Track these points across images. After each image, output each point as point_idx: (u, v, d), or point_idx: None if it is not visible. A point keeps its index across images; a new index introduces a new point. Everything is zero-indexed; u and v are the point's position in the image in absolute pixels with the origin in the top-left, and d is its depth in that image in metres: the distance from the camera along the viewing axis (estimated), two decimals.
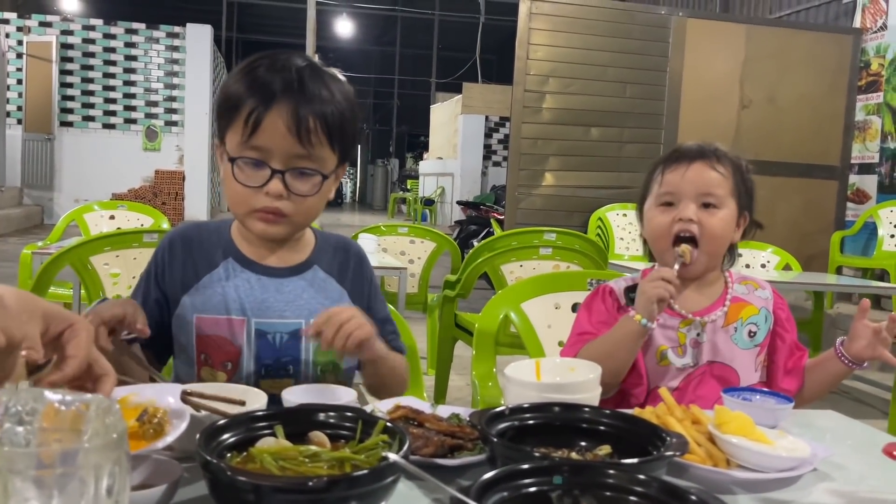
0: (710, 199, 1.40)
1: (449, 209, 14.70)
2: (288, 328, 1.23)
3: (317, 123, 1.14)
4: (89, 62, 11.88)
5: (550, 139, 5.56)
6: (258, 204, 1.16)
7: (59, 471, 0.51)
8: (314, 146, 1.14)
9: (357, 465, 0.78)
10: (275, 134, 1.13)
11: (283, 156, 1.14)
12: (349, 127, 1.19)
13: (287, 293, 1.24)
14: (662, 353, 1.42)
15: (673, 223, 1.40)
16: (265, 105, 1.13)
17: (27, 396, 0.54)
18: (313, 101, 1.14)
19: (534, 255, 3.20)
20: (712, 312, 1.43)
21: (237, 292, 1.22)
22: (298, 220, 1.20)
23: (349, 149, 1.22)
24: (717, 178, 1.40)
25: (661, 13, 5.83)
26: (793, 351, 1.47)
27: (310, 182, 1.17)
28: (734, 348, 1.42)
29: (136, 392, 0.91)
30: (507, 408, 0.97)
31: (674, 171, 1.42)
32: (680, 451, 0.86)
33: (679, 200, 1.41)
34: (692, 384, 1.41)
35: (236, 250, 1.26)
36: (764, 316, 1.45)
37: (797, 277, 3.70)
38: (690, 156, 1.43)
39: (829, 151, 5.97)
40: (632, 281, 1.50)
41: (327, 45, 19.16)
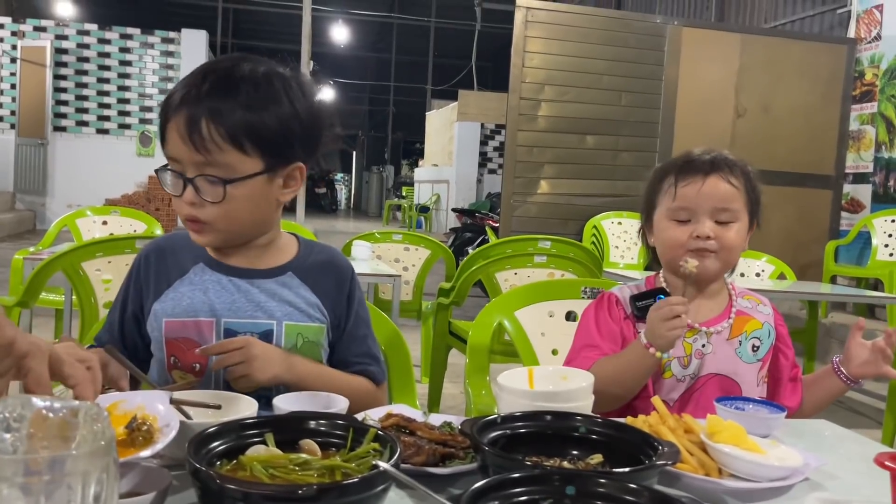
0: (726, 214, 1.39)
1: (444, 216, 14.71)
2: (258, 329, 1.22)
3: (212, 129, 1.11)
4: (83, 67, 11.87)
5: (546, 147, 5.57)
6: (182, 212, 1.17)
7: (47, 478, 0.50)
8: (212, 152, 1.11)
9: (348, 474, 0.77)
10: (176, 143, 1.13)
11: (189, 164, 1.13)
12: (275, 128, 1.14)
13: (257, 294, 1.24)
14: (667, 364, 1.40)
15: (689, 239, 1.38)
16: (168, 115, 1.14)
17: (15, 403, 0.53)
18: (209, 109, 1.11)
19: (528, 262, 3.20)
20: (718, 324, 1.42)
21: (207, 294, 1.22)
22: (223, 227, 1.17)
23: (286, 148, 1.17)
24: (733, 193, 1.39)
25: (656, 22, 5.85)
26: (792, 367, 1.47)
27: (216, 189, 1.13)
28: (738, 361, 1.41)
29: (125, 399, 0.90)
30: (499, 416, 0.96)
31: (689, 185, 1.40)
32: (671, 461, 0.86)
33: (695, 216, 1.39)
34: (695, 395, 1.40)
35: (206, 254, 1.26)
36: (767, 331, 1.45)
37: (792, 286, 3.71)
38: (705, 169, 1.40)
39: (823, 161, 5.99)
40: (636, 289, 1.48)
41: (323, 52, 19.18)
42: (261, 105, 1.14)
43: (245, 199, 1.15)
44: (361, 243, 3.58)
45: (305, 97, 1.19)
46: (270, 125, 1.14)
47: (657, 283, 1.47)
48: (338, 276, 1.32)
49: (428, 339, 3.68)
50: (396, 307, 3.08)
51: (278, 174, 1.19)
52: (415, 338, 4.10)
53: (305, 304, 1.26)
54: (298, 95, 1.18)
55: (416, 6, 18.67)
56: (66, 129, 11.87)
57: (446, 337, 3.32)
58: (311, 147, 1.23)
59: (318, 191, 22.24)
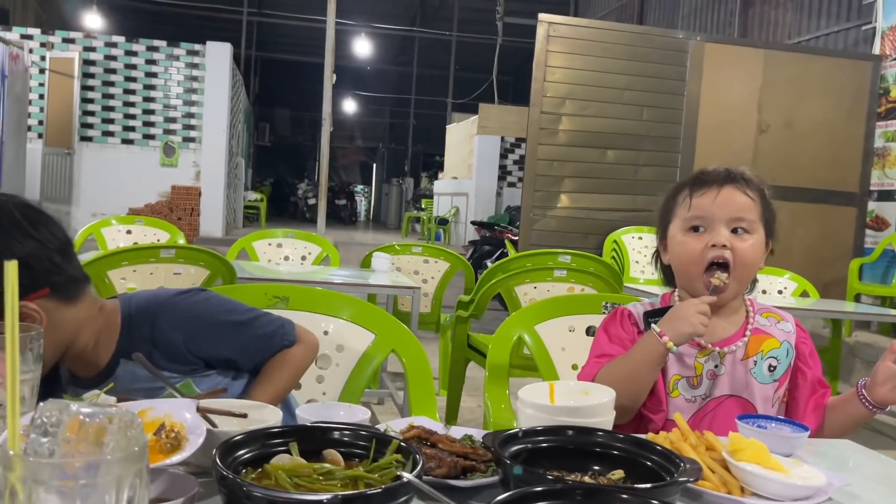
0: (742, 223, 1.36)
1: (463, 229, 14.72)
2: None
3: None
4: (110, 78, 12.06)
5: (566, 161, 5.58)
6: None
7: (82, 482, 0.52)
8: None
9: (371, 484, 0.78)
10: None
11: None
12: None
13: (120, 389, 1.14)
14: (674, 383, 1.38)
15: (706, 249, 1.35)
16: None
17: (53, 408, 0.55)
18: None
19: (548, 276, 3.20)
20: (732, 343, 1.38)
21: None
22: None
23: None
24: (748, 203, 1.37)
25: (678, 37, 5.85)
26: (815, 388, 1.42)
27: None
28: (753, 382, 1.38)
29: (153, 407, 0.92)
30: (521, 430, 0.97)
31: (703, 194, 1.38)
32: (693, 478, 0.86)
33: (710, 225, 1.37)
34: (707, 416, 1.37)
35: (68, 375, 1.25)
36: (786, 350, 1.41)
37: (815, 304, 3.67)
38: (720, 180, 1.39)
39: (847, 178, 5.94)
40: (650, 306, 1.46)
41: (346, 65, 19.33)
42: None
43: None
44: (381, 255, 3.60)
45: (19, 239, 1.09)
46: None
47: (672, 301, 1.45)
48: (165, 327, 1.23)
49: (446, 352, 3.69)
50: (415, 319, 3.09)
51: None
52: (433, 350, 4.10)
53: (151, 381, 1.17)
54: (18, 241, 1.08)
55: (438, 20, 18.80)
56: (93, 139, 12.05)
57: (465, 350, 3.33)
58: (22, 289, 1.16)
59: (338, 202, 22.38)
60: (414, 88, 21.81)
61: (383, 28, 18.95)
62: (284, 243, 4.06)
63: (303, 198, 22.46)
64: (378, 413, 3.72)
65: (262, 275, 3.06)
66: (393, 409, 3.74)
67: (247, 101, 16.95)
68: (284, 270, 3.53)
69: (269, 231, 4.14)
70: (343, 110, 24.88)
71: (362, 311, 1.65)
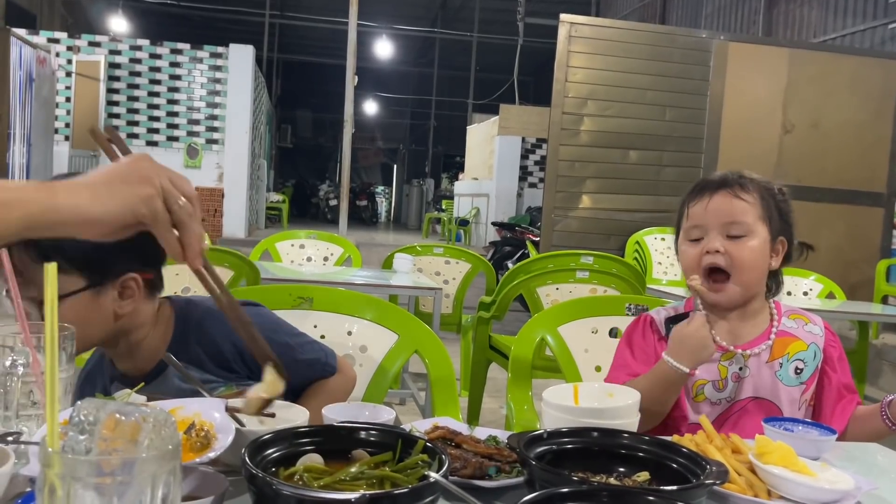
0: (736, 228, 1.37)
1: (483, 230, 14.71)
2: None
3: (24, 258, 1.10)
4: (135, 81, 12.21)
5: (588, 161, 5.56)
6: None
7: (119, 479, 0.53)
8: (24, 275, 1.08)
9: (397, 484, 0.79)
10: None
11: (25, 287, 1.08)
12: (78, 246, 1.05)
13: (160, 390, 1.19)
14: (699, 388, 1.38)
15: (701, 256, 1.38)
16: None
17: (90, 406, 0.56)
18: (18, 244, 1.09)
19: (570, 278, 3.19)
20: (757, 346, 1.38)
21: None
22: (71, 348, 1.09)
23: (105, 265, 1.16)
24: (742, 206, 1.38)
25: (702, 36, 5.81)
26: (841, 394, 1.41)
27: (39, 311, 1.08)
28: (778, 384, 1.37)
29: (182, 406, 0.94)
30: (546, 431, 0.97)
31: (697, 203, 1.41)
32: (720, 480, 0.85)
33: (705, 233, 1.39)
34: (731, 419, 1.37)
35: (115, 370, 1.28)
36: (813, 352, 1.40)
37: (841, 306, 3.63)
38: (713, 186, 1.41)
39: (874, 178, 5.86)
40: (673, 311, 1.47)
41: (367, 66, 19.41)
42: None
43: (74, 316, 1.09)
44: (403, 256, 3.61)
45: None
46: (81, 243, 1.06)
47: (696, 306, 1.44)
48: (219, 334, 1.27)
49: (468, 353, 3.69)
50: (437, 320, 3.10)
51: (107, 288, 1.17)
52: (454, 351, 4.10)
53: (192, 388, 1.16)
54: None
55: (459, 21, 18.81)
56: None
57: (486, 351, 3.33)
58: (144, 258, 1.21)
59: (359, 203, 22.47)
60: (435, 89, 21.85)
61: (404, 29, 19.01)
62: (307, 244, 4.09)
63: (324, 199, 22.57)
64: (400, 413, 3.73)
65: (285, 276, 3.08)
66: (415, 409, 3.75)
67: (269, 102, 17.08)
68: (307, 271, 3.55)
69: (291, 232, 4.17)
70: (364, 111, 24.98)
71: (385, 311, 1.66)
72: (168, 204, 0.80)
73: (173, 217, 0.80)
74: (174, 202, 0.80)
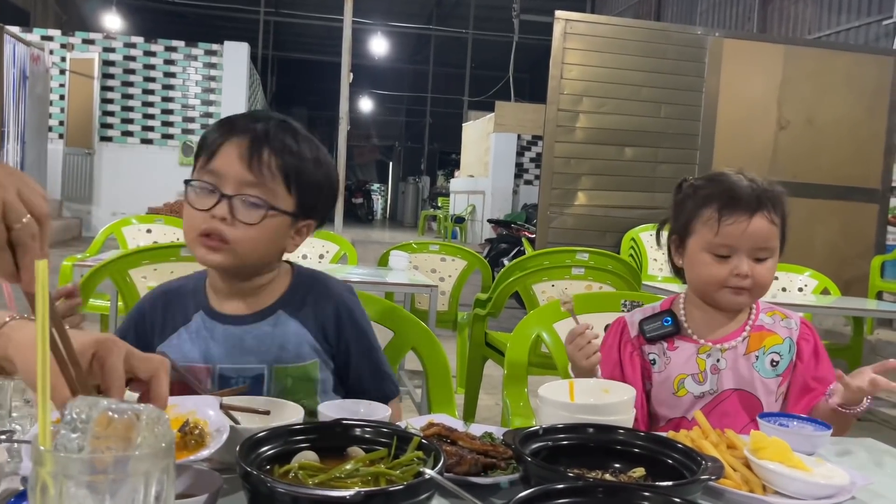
0: (765, 252, 1.40)
1: (479, 227, 14.71)
2: (249, 374, 1.26)
3: (271, 158, 1.19)
4: (129, 79, 12.16)
5: (583, 158, 5.56)
6: (201, 227, 1.19)
7: (112, 477, 0.52)
8: (265, 176, 1.18)
9: (392, 481, 0.79)
10: (228, 159, 1.18)
11: (233, 182, 1.18)
12: (312, 182, 1.24)
13: (250, 341, 1.26)
14: (680, 382, 1.42)
15: (729, 276, 1.39)
16: (226, 136, 1.20)
17: (82, 404, 0.56)
18: (272, 141, 1.20)
19: (566, 274, 3.19)
20: (733, 340, 1.43)
21: (206, 343, 1.26)
22: (241, 251, 1.19)
23: (312, 203, 1.25)
24: (773, 231, 1.40)
25: (697, 33, 5.81)
26: (809, 387, 1.43)
27: (255, 212, 1.18)
28: (756, 375, 1.42)
29: (177, 404, 0.93)
30: (541, 428, 0.97)
31: (734, 224, 1.38)
32: (715, 476, 0.85)
33: (735, 253, 1.39)
34: (715, 411, 1.40)
35: (207, 304, 1.30)
36: (788, 346, 1.44)
37: (835, 302, 3.63)
38: (751, 207, 1.38)
39: (868, 174, 5.88)
40: (651, 310, 1.51)
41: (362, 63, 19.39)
42: (310, 158, 1.25)
43: (271, 231, 1.21)
44: (399, 253, 3.60)
45: (333, 170, 1.32)
46: (313, 178, 1.25)
47: (675, 306, 1.50)
48: (331, 304, 1.33)
49: (464, 350, 3.69)
50: (433, 317, 3.10)
51: (298, 223, 1.27)
52: (450, 348, 4.10)
53: (295, 344, 1.28)
54: (333, 170, 1.32)
55: (454, 18, 18.79)
56: (112, 139, 12.16)
57: (482, 348, 3.33)
58: (325, 211, 1.32)
59: (354, 200, 22.44)
60: (430, 86, 21.82)
61: (399, 26, 18.97)
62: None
63: None
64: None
65: None
66: (411, 406, 3.75)
67: (264, 100, 17.03)
68: None
69: None
70: (359, 109, 24.94)
71: (381, 309, 1.66)
72: (7, 221, 0.71)
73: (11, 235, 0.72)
74: (15, 220, 0.71)
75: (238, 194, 1.17)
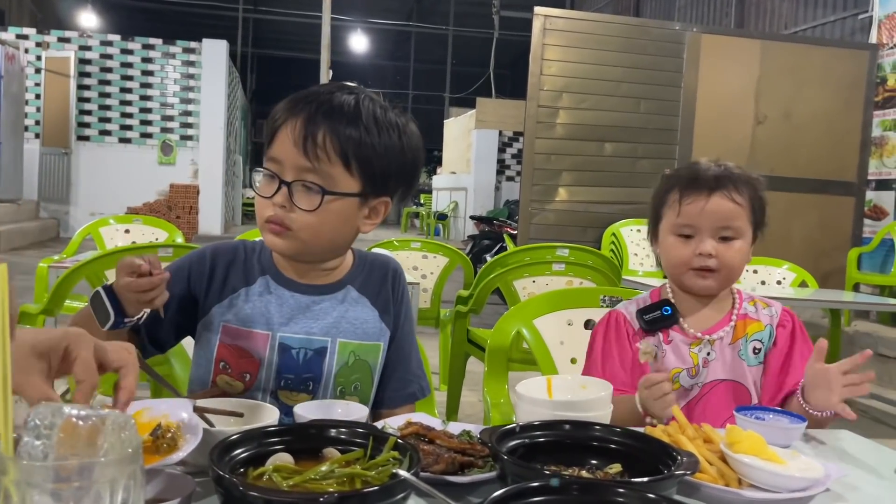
0: (729, 231, 1.41)
1: (462, 224, 14.72)
2: (313, 345, 1.24)
3: (326, 139, 1.14)
4: (106, 77, 12.03)
5: (564, 154, 5.57)
6: (266, 213, 1.17)
7: (76, 484, 0.52)
8: (320, 161, 1.14)
9: (368, 482, 0.78)
10: (285, 145, 1.16)
11: (291, 168, 1.15)
12: (378, 157, 1.17)
13: (316, 311, 1.25)
14: (675, 377, 1.42)
15: (692, 256, 1.41)
16: (284, 117, 1.17)
17: (46, 411, 0.55)
18: (331, 119, 1.14)
19: (546, 270, 3.20)
20: (720, 329, 1.44)
21: (268, 307, 1.23)
22: (304, 238, 1.17)
23: (383, 179, 1.20)
24: (736, 210, 1.40)
25: (675, 28, 5.84)
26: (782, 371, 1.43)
27: (313, 198, 1.15)
28: (742, 364, 1.43)
29: (150, 407, 0.92)
30: (518, 425, 0.97)
31: (692, 202, 1.41)
32: (690, 470, 0.86)
33: (697, 233, 1.41)
34: (702, 402, 1.42)
35: (274, 269, 1.27)
36: (769, 332, 1.46)
37: (813, 294, 3.67)
38: (709, 185, 1.41)
39: (845, 167, 5.94)
40: (642, 302, 1.50)
41: (342, 60, 19.31)
42: (375, 132, 1.17)
43: (335, 215, 1.17)
44: (380, 251, 3.59)
45: (412, 140, 1.24)
46: (379, 151, 1.17)
47: (663, 294, 1.50)
48: (393, 283, 1.35)
49: (446, 347, 3.69)
50: (415, 315, 3.08)
51: (369, 202, 1.21)
52: (433, 345, 4.10)
53: (363, 321, 1.28)
54: (406, 137, 1.23)
55: (434, 14, 18.77)
56: (90, 138, 12.03)
57: (464, 345, 3.33)
58: (404, 186, 1.26)
59: None
60: (411, 83, 21.79)
61: (379, 23, 18.92)
62: None
63: None
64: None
65: None
66: None
67: (244, 98, 16.92)
68: None
69: None
70: None
71: None
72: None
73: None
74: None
75: (296, 180, 1.15)
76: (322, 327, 1.24)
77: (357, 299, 1.29)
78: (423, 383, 1.39)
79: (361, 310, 1.29)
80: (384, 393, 1.34)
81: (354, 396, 1.27)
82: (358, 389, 1.29)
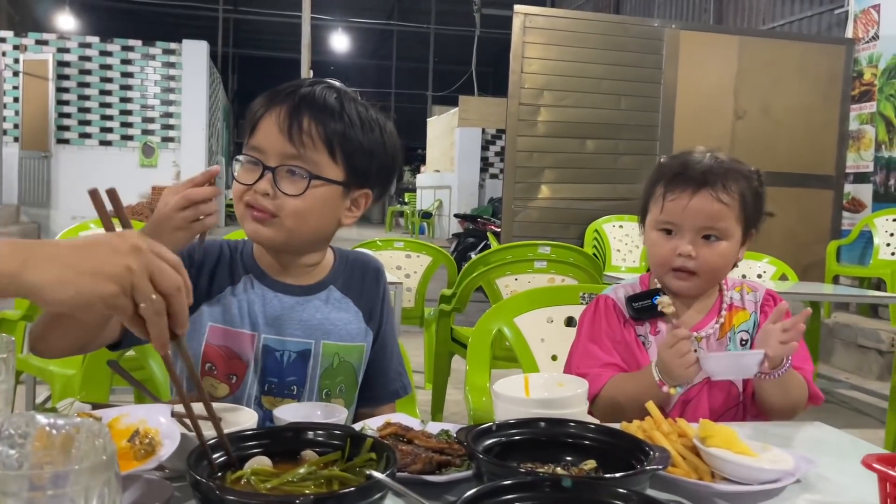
0: (713, 231, 1.36)
1: (447, 222, 14.73)
2: (297, 347, 1.24)
3: (312, 126, 1.15)
4: (86, 79, 11.93)
5: (546, 152, 5.59)
6: (245, 200, 1.17)
7: (51, 492, 0.52)
8: (305, 147, 1.14)
9: (345, 483, 0.79)
10: (268, 132, 1.16)
11: (275, 154, 1.15)
12: (361, 147, 1.19)
13: (301, 312, 1.25)
14: None
15: (672, 255, 1.36)
16: (266, 106, 1.18)
17: (20, 420, 0.55)
18: (315, 108, 1.16)
19: (529, 268, 3.21)
20: (707, 326, 1.41)
21: (252, 307, 1.23)
22: (290, 225, 1.16)
23: (364, 171, 1.21)
24: (722, 211, 1.35)
25: (654, 25, 5.87)
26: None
27: (298, 182, 1.15)
28: None
29: (127, 413, 0.93)
30: (494, 424, 0.98)
31: (676, 199, 1.35)
32: (662, 465, 0.87)
33: (679, 231, 1.37)
34: (694, 400, 1.39)
35: (257, 267, 1.27)
36: (753, 321, 1.43)
37: (793, 287, 3.71)
38: (695, 182, 1.34)
39: (823, 161, 6.00)
40: (631, 289, 1.47)
41: (323, 60, 19.25)
42: (359, 125, 1.19)
43: (320, 202, 1.17)
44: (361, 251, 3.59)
45: (392, 139, 1.26)
46: (362, 143, 1.19)
47: (651, 283, 1.46)
48: (371, 275, 1.36)
49: (431, 346, 3.70)
50: (399, 314, 3.10)
51: (352, 192, 1.22)
52: (417, 344, 4.12)
53: (346, 322, 1.28)
54: (387, 135, 1.25)
55: (416, 13, 18.76)
56: (70, 141, 11.92)
57: (448, 343, 3.34)
58: (384, 180, 1.27)
59: None
60: (394, 82, 21.77)
61: (360, 22, 18.88)
62: None
63: None
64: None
65: None
66: None
67: (225, 98, 16.83)
68: None
69: None
70: None
71: None
72: (136, 299, 0.76)
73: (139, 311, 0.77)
74: (142, 300, 0.76)
75: (280, 165, 1.15)
76: (306, 329, 1.24)
77: (340, 300, 1.29)
78: (404, 381, 1.41)
79: (345, 311, 1.29)
80: (366, 391, 1.35)
81: (340, 399, 1.28)
82: (343, 392, 1.29)
